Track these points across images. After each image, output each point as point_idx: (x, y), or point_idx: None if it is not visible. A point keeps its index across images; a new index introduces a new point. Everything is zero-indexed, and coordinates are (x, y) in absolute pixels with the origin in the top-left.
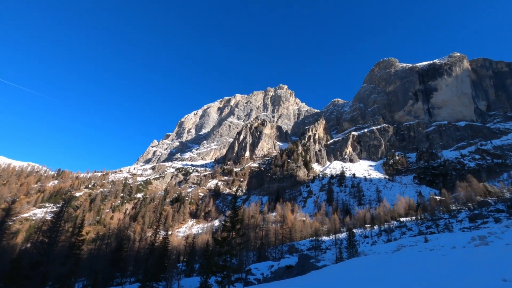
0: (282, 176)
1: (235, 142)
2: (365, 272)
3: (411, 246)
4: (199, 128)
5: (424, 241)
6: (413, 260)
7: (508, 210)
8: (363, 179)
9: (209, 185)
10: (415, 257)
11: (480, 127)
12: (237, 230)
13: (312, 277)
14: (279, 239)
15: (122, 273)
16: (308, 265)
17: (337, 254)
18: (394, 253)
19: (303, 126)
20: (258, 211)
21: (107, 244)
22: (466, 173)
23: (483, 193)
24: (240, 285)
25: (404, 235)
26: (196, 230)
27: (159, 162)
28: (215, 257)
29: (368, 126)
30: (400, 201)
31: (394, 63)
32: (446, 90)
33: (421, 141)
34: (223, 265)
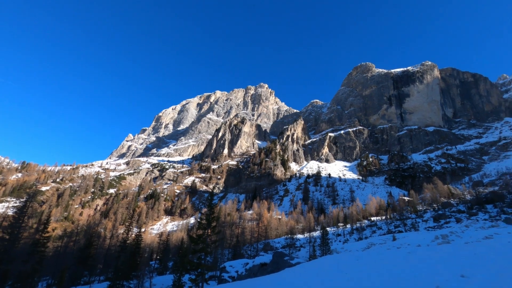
0: (260, 174)
1: (213, 139)
2: (336, 269)
3: (380, 244)
4: (177, 124)
5: (392, 239)
6: (381, 257)
7: (468, 211)
8: (338, 179)
9: (185, 182)
10: (383, 254)
11: (447, 133)
12: (212, 228)
13: (285, 274)
14: (254, 237)
15: (91, 272)
16: (282, 262)
17: (310, 252)
18: (365, 250)
19: (282, 126)
20: (235, 208)
21: (75, 241)
22: (433, 176)
23: (447, 194)
24: (214, 282)
25: (374, 234)
26: (171, 228)
27: (134, 157)
28: (190, 254)
29: (345, 128)
30: (372, 201)
31: (371, 68)
32: (417, 96)
33: (393, 144)
34: (197, 263)
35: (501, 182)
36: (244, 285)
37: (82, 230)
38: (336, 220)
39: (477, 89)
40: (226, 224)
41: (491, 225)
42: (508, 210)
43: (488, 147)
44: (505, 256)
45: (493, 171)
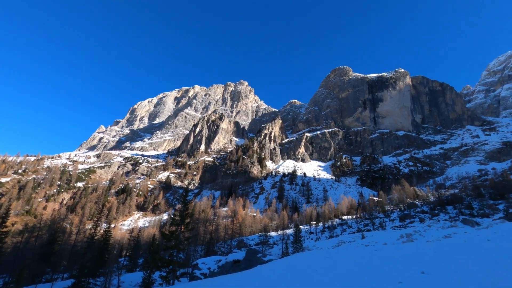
0: (236, 171)
1: (190, 134)
2: (306, 266)
3: (350, 242)
4: (153, 117)
5: (361, 237)
6: (350, 254)
7: (431, 212)
8: (312, 178)
9: (160, 177)
10: (352, 252)
11: (415, 138)
12: (186, 224)
13: (257, 271)
14: (228, 234)
15: (54, 269)
16: (255, 259)
17: (283, 249)
18: (335, 248)
19: (260, 124)
20: (209, 205)
21: (37, 237)
22: (401, 178)
23: (413, 196)
24: (186, 279)
25: (344, 232)
26: (143, 224)
27: (105, 150)
28: (161, 251)
29: (321, 129)
30: (344, 201)
31: (348, 72)
32: (390, 101)
33: (366, 146)
34: (169, 259)
35: (461, 185)
36: (216, 282)
37: (45, 225)
38: (309, 219)
39: (444, 97)
40: (200, 221)
41: (450, 225)
42: (466, 212)
43: (451, 153)
44: (461, 254)
45: (454, 175)
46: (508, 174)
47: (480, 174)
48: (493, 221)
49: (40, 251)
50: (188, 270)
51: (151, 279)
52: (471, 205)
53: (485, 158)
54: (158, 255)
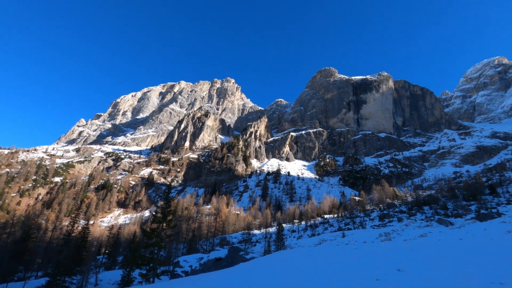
0: (220, 169)
1: (175, 130)
2: (288, 263)
3: (331, 241)
4: (136, 112)
5: (342, 236)
6: (331, 252)
7: (409, 212)
8: (296, 177)
9: (142, 173)
10: (333, 250)
11: (396, 140)
12: (168, 222)
13: (239, 269)
14: (211, 231)
15: (27, 267)
16: (237, 257)
17: (265, 247)
18: (316, 246)
19: (246, 122)
20: (193, 203)
21: (10, 233)
22: (381, 178)
23: (392, 196)
24: (167, 277)
25: (326, 231)
26: (123, 220)
27: (85, 144)
28: (142, 249)
29: (306, 129)
30: (326, 200)
31: (334, 73)
32: (373, 104)
33: (349, 147)
34: (149, 257)
35: (437, 186)
36: (197, 279)
37: (19, 221)
38: (292, 217)
39: (424, 101)
40: (183, 218)
41: (426, 224)
42: (441, 212)
43: (429, 155)
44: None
45: (431, 176)
46: (481, 177)
47: (455, 176)
48: (466, 221)
49: (12, 249)
50: (169, 268)
51: (131, 277)
52: (446, 205)
53: (460, 161)
54: (138, 252)
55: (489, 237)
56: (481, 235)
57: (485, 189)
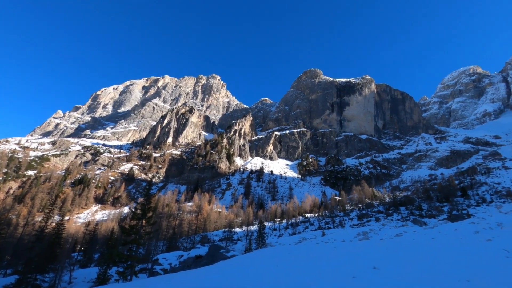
0: (203, 166)
1: (157, 126)
2: (268, 261)
3: (311, 239)
4: (117, 105)
5: (322, 235)
6: (310, 251)
7: (386, 212)
8: (279, 176)
9: (122, 168)
10: (313, 248)
11: (376, 142)
12: (148, 218)
13: (219, 266)
14: (192, 229)
15: None
16: (218, 255)
17: (246, 245)
18: (297, 244)
19: (230, 119)
20: (174, 200)
21: None
22: (361, 179)
23: (371, 196)
24: (145, 275)
25: (307, 229)
26: (101, 217)
27: (62, 137)
28: (120, 246)
29: (290, 128)
30: (308, 199)
31: (319, 74)
32: (356, 106)
33: (331, 147)
34: (127, 254)
35: (413, 188)
36: (175, 277)
37: None
38: (274, 215)
39: (404, 106)
40: (164, 215)
41: (402, 224)
42: (416, 212)
43: (407, 157)
44: (410, 251)
45: (408, 178)
46: (453, 180)
47: (430, 179)
48: (438, 222)
49: None
50: (147, 265)
51: (107, 274)
52: (421, 206)
53: (435, 164)
54: (116, 249)
55: (459, 237)
56: (452, 235)
57: (457, 191)
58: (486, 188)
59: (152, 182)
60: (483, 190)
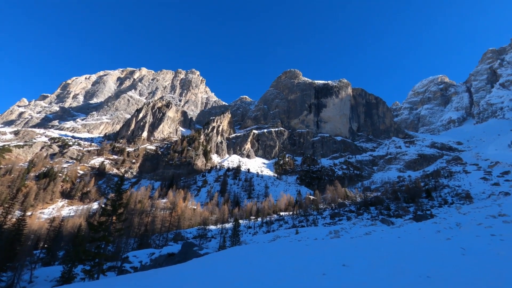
0: (179, 162)
1: (132, 119)
2: (242, 259)
3: (284, 237)
4: (90, 96)
5: (296, 233)
6: (284, 248)
7: (357, 211)
8: (256, 174)
9: (92, 162)
10: (286, 246)
11: (350, 144)
12: (118, 215)
13: (191, 264)
14: (165, 226)
15: None
16: (191, 252)
17: (221, 243)
18: (270, 242)
19: (209, 116)
20: (147, 196)
21: None
22: (335, 179)
23: (343, 196)
24: (114, 273)
25: (281, 228)
26: (68, 213)
27: (26, 127)
28: (87, 243)
29: (268, 127)
30: (283, 198)
31: (298, 75)
32: (332, 108)
33: (307, 147)
34: (95, 252)
35: (383, 189)
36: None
37: None
38: (249, 213)
39: (377, 110)
40: (136, 212)
41: (371, 223)
42: (384, 212)
43: (378, 160)
44: (377, 249)
45: (379, 179)
46: (419, 182)
47: (399, 180)
48: (404, 221)
49: None
50: (117, 263)
51: (72, 273)
52: (389, 206)
53: (404, 167)
54: (82, 247)
55: (422, 236)
56: (416, 234)
57: (422, 193)
58: (448, 190)
59: (125, 178)
60: (446, 192)
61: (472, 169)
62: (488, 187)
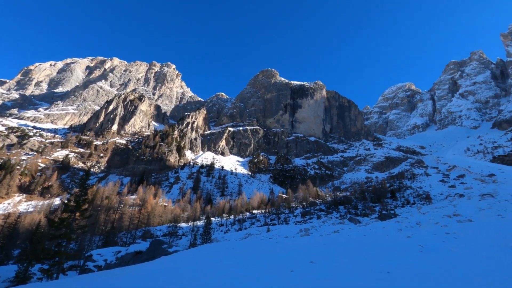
0: (151, 158)
1: (102, 111)
2: (212, 256)
3: (256, 235)
4: (54, 84)
5: (267, 231)
6: (254, 246)
7: (327, 210)
8: (230, 172)
9: (56, 155)
10: (257, 244)
11: (323, 144)
12: (82, 211)
13: (158, 262)
14: (134, 223)
15: None
16: (159, 250)
17: (191, 240)
18: (242, 240)
19: (184, 111)
20: (116, 192)
21: None
22: (307, 179)
23: (315, 195)
24: (75, 273)
25: (253, 225)
26: (26, 208)
27: None
28: (47, 241)
29: (244, 125)
30: (256, 196)
31: (275, 75)
32: (307, 109)
33: (281, 147)
34: (55, 250)
35: (352, 189)
36: (108, 274)
37: None
38: (221, 211)
39: (349, 113)
40: (102, 208)
41: (339, 222)
42: (352, 211)
43: (348, 161)
44: (344, 246)
45: (348, 179)
46: (385, 183)
47: (367, 181)
48: (370, 220)
49: None
50: (79, 262)
51: (29, 273)
52: (357, 206)
53: (372, 168)
54: (41, 245)
55: (385, 234)
56: (380, 232)
57: (387, 193)
58: (411, 191)
59: (91, 172)
60: (408, 193)
61: (432, 172)
62: (446, 189)
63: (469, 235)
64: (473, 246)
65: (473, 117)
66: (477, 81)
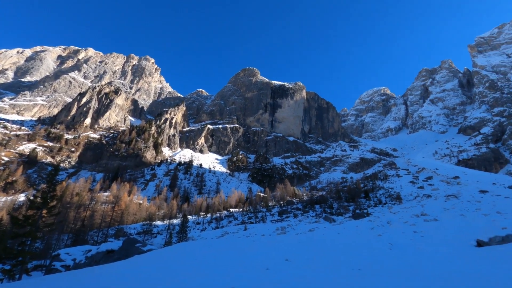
0: (126, 154)
1: (74, 103)
2: (187, 255)
3: (233, 233)
4: (22, 73)
5: (244, 229)
6: (231, 244)
7: (303, 209)
8: (208, 170)
9: (21, 148)
10: (233, 242)
11: (301, 144)
12: (49, 208)
13: (131, 261)
14: (106, 221)
15: None
16: (133, 249)
17: (167, 239)
18: (219, 238)
19: (162, 107)
20: (87, 188)
21: None
22: (285, 178)
23: (292, 194)
24: (41, 273)
25: (230, 224)
26: None
27: None
28: (9, 240)
29: (223, 123)
30: (234, 194)
31: (256, 74)
32: (287, 109)
33: (261, 146)
34: (19, 249)
35: (328, 189)
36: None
37: None
38: (199, 209)
39: (328, 114)
40: (72, 205)
41: (315, 220)
42: (328, 210)
43: (325, 161)
44: (319, 244)
45: (325, 179)
46: (359, 183)
47: (342, 181)
48: (344, 219)
49: None
50: (45, 262)
51: None
52: (332, 205)
53: (348, 169)
54: (3, 244)
55: (358, 232)
56: (353, 230)
57: (361, 193)
58: (383, 192)
59: (61, 167)
60: (381, 193)
61: (403, 173)
62: (415, 189)
63: (434, 233)
64: (438, 244)
65: (442, 122)
66: (446, 89)
